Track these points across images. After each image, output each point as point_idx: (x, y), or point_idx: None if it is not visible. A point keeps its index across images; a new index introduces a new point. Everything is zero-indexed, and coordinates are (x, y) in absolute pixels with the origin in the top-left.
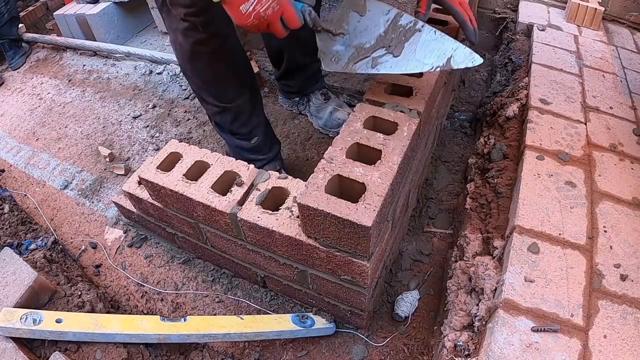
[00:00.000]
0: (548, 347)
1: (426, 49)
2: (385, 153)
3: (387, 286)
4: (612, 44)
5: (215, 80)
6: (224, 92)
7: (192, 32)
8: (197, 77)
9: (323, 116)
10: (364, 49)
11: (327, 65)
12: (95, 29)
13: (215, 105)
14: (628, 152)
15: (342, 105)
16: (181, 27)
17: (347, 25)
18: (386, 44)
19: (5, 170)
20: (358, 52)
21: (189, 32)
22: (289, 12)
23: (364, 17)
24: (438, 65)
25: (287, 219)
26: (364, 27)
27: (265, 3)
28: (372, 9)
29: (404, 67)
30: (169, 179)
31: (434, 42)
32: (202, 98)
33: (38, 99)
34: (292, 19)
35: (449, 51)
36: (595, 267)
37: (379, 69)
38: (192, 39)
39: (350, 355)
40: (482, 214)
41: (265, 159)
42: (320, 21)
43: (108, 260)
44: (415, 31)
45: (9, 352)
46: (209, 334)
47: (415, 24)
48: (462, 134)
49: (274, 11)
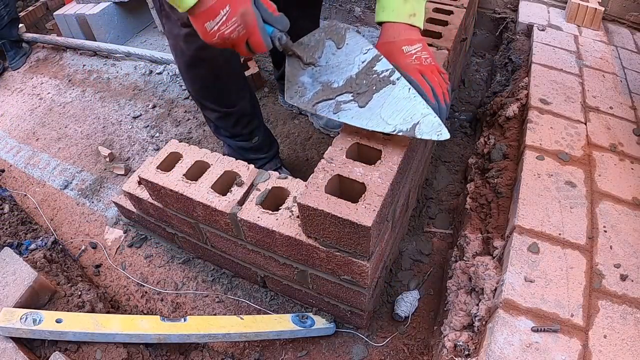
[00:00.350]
0: (548, 347)
1: (394, 107)
2: (385, 153)
3: (387, 286)
4: (612, 44)
5: (217, 85)
6: (226, 96)
7: (194, 37)
8: (198, 82)
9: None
10: (331, 88)
11: (289, 96)
12: (95, 29)
13: (216, 110)
14: (628, 152)
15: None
16: (183, 33)
17: (320, 56)
18: (354, 90)
19: (5, 170)
20: (324, 90)
21: (191, 37)
22: (255, 37)
23: (340, 51)
24: (401, 129)
25: (287, 219)
26: (337, 63)
27: (231, 25)
28: (350, 43)
29: (366, 121)
30: (169, 179)
31: (404, 100)
32: (202, 104)
33: (38, 99)
34: (258, 44)
35: (417, 116)
36: (595, 267)
37: (340, 117)
38: (194, 44)
39: (350, 355)
40: (482, 214)
41: (266, 157)
42: (292, 45)
43: (108, 260)
44: (389, 83)
45: (9, 352)
46: (209, 334)
47: (391, 74)
48: (462, 134)
49: (239, 35)
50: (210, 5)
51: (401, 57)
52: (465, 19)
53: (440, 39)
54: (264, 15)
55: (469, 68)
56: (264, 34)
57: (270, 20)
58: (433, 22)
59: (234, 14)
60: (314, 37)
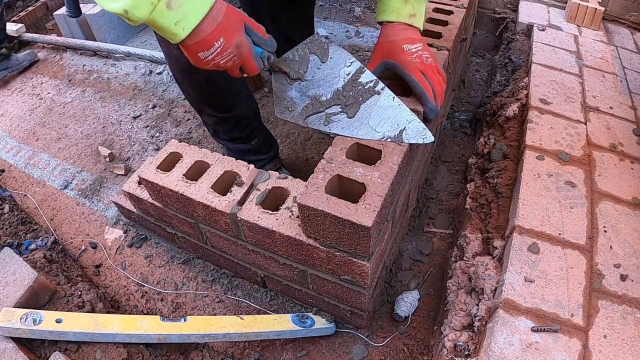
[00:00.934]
0: (548, 347)
1: (381, 116)
2: (385, 153)
3: (387, 286)
4: (612, 44)
5: (213, 91)
6: (223, 102)
7: None
8: (194, 89)
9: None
10: (320, 102)
11: (280, 112)
12: (95, 29)
13: (214, 115)
14: (628, 152)
15: None
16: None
17: (306, 71)
18: (342, 102)
19: (5, 170)
20: (313, 104)
21: None
22: (249, 63)
23: (325, 65)
24: (389, 136)
25: (287, 219)
26: (323, 77)
27: (226, 56)
28: (334, 57)
29: (356, 131)
30: (169, 179)
31: (390, 109)
32: (199, 109)
33: (38, 99)
34: (252, 69)
35: (403, 122)
36: (595, 267)
37: (331, 128)
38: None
39: (350, 355)
40: (482, 214)
41: (266, 158)
42: (279, 62)
43: (108, 260)
44: (374, 93)
45: (9, 352)
46: (209, 334)
47: (375, 85)
48: (462, 134)
49: (234, 63)
50: (203, 37)
51: (402, 54)
52: (465, 19)
53: (440, 39)
54: (255, 39)
55: (469, 68)
56: (257, 59)
57: (260, 43)
58: (433, 22)
59: (229, 46)
60: (298, 53)
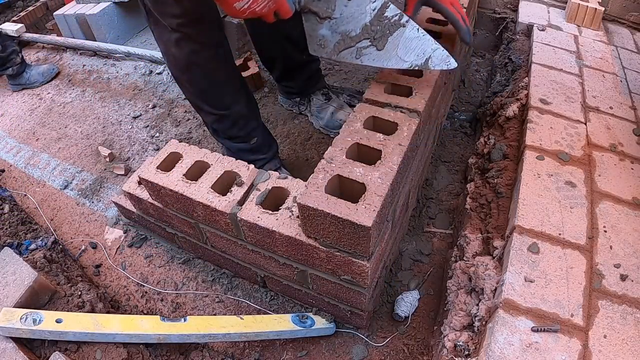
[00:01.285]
0: (548, 347)
1: (408, 47)
2: (385, 153)
3: (387, 286)
4: (612, 44)
5: (211, 88)
6: (221, 99)
7: (185, 42)
8: (193, 86)
9: (324, 116)
10: (350, 37)
11: (313, 49)
12: (95, 29)
13: (212, 113)
14: (628, 152)
15: (343, 105)
16: (173, 38)
17: (334, 9)
18: (371, 36)
19: (5, 170)
20: (344, 39)
21: (182, 42)
22: (284, 7)
23: (351, 2)
24: (417, 64)
25: (287, 219)
26: (350, 14)
27: (262, 3)
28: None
29: (386, 62)
30: (169, 179)
31: (415, 39)
32: (198, 107)
33: (38, 99)
34: (286, 12)
35: (428, 51)
36: (595, 267)
37: (363, 60)
38: (186, 49)
39: (350, 355)
40: (482, 214)
41: (266, 158)
42: (308, 3)
43: (108, 260)
44: (400, 26)
45: (9, 352)
46: (209, 334)
47: (400, 18)
48: (462, 134)
49: (269, 9)
50: None
51: None
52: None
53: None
54: None
55: (469, 68)
56: (290, 2)
57: None
58: (433, 22)
59: None
60: None
